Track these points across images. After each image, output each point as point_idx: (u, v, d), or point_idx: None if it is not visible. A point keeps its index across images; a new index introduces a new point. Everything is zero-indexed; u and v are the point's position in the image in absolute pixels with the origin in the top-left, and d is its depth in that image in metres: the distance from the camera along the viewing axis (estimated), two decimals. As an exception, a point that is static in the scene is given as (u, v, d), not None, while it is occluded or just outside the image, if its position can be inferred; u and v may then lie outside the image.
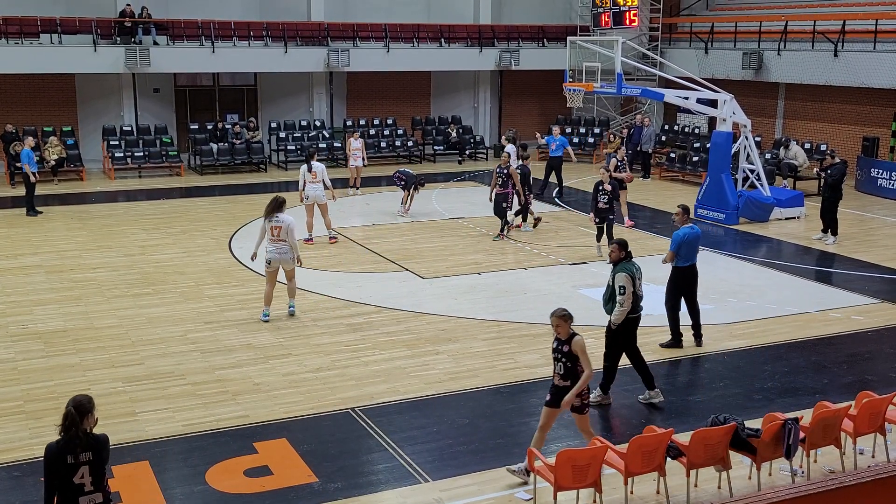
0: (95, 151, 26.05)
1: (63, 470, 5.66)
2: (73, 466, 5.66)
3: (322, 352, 11.52)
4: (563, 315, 8.29)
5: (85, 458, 5.68)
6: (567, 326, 8.29)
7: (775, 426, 7.88)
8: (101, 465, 5.76)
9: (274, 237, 12.44)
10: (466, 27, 29.80)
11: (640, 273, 9.73)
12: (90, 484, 5.71)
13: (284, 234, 12.39)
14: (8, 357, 11.21)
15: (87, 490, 5.71)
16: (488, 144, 30.45)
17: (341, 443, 9.01)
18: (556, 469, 7.26)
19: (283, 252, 12.50)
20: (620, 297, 9.56)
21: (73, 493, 5.68)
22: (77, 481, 5.68)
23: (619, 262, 9.68)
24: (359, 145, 22.17)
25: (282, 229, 12.39)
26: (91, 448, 5.71)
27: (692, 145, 26.38)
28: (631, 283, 9.55)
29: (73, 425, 5.65)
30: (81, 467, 5.67)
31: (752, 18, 27.90)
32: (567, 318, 8.32)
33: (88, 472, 5.69)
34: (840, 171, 17.77)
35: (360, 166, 22.17)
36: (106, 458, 5.85)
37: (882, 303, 13.89)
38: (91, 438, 5.73)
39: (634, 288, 9.60)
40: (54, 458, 5.67)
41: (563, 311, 8.33)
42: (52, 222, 19.17)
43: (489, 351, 11.58)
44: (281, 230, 12.39)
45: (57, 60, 24.37)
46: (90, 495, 5.73)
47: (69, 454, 5.66)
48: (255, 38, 26.79)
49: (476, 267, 15.67)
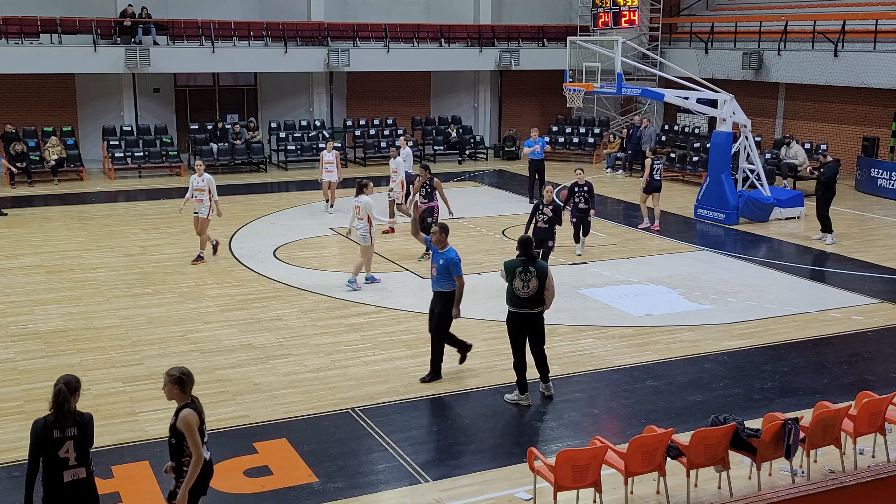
0: (95, 151, 26.06)
1: (49, 444, 5.96)
2: (59, 441, 5.96)
3: (322, 352, 11.52)
4: (174, 377, 6.33)
5: (71, 434, 6.00)
6: (178, 391, 6.34)
7: (775, 426, 7.88)
8: (85, 441, 6.07)
9: (355, 216, 14.06)
10: (466, 27, 29.80)
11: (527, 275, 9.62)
12: (74, 458, 6.02)
13: (363, 213, 13.87)
14: (8, 357, 11.22)
15: (70, 464, 6.01)
16: (488, 144, 30.45)
17: (341, 443, 9.01)
18: (556, 469, 7.26)
19: (358, 229, 14.05)
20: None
21: (58, 466, 5.98)
22: (62, 455, 5.99)
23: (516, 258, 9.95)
24: (332, 158, 19.90)
25: (360, 208, 13.90)
26: (77, 424, 6.03)
27: (692, 145, 26.38)
28: (504, 273, 9.84)
29: (66, 402, 5.97)
30: (67, 442, 5.98)
31: (752, 18, 27.90)
32: (180, 381, 6.32)
33: (73, 447, 6.00)
34: (833, 170, 17.80)
35: (333, 181, 20.04)
36: (90, 436, 6.14)
37: (882, 303, 13.89)
38: (77, 415, 6.07)
39: (512, 285, 9.73)
40: (42, 433, 5.97)
41: (176, 373, 6.35)
42: (52, 222, 19.17)
43: (489, 351, 11.58)
44: (360, 209, 13.92)
45: (57, 60, 24.37)
46: (74, 469, 6.03)
47: (56, 429, 5.97)
48: (255, 38, 26.79)
49: (476, 267, 15.66)
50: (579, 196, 16.21)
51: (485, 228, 18.79)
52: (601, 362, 11.31)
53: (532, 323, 9.89)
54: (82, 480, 6.13)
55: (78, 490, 6.12)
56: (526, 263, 9.75)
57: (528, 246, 9.85)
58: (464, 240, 17.81)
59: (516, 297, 9.76)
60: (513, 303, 9.81)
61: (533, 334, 9.96)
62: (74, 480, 6.09)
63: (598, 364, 11.25)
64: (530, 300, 9.73)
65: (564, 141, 29.48)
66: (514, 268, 9.76)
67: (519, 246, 9.89)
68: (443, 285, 10.40)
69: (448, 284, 10.37)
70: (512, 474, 8.36)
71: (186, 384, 6.32)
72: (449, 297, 10.39)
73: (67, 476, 6.04)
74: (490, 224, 19.24)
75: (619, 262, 16.10)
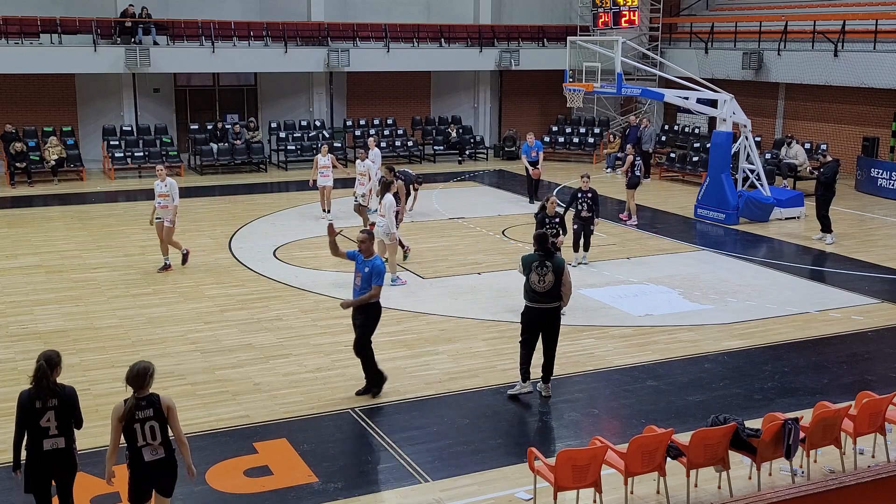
0: (95, 151, 26.05)
1: (32, 414, 6.49)
2: (40, 411, 6.47)
3: (322, 352, 11.52)
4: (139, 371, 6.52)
5: (51, 405, 6.49)
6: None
7: (775, 426, 7.88)
8: (65, 412, 6.52)
9: (380, 212, 14.49)
10: (466, 27, 29.80)
11: (543, 269, 9.80)
12: (54, 428, 6.50)
13: (385, 210, 14.27)
14: (8, 357, 11.22)
15: (51, 433, 6.50)
16: (488, 144, 30.45)
17: (341, 443, 9.01)
18: (556, 469, 7.26)
19: (381, 225, 14.35)
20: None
21: (39, 434, 6.48)
22: (43, 424, 6.47)
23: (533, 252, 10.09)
24: (327, 162, 19.26)
25: (383, 206, 14.36)
26: (57, 396, 6.51)
27: (692, 145, 26.38)
28: (522, 268, 9.94)
29: (44, 377, 6.47)
30: (48, 412, 6.47)
31: (752, 18, 27.90)
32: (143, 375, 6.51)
33: (54, 416, 6.48)
34: (833, 170, 17.80)
35: (328, 186, 19.40)
36: (72, 408, 6.58)
37: (882, 303, 13.89)
38: (58, 388, 6.54)
39: (530, 280, 9.81)
40: (26, 403, 6.51)
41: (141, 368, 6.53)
42: (52, 222, 19.16)
43: (489, 351, 11.58)
44: (382, 207, 14.37)
45: (57, 60, 24.36)
46: (54, 438, 6.50)
47: (38, 400, 6.48)
48: (255, 38, 26.79)
49: (476, 267, 15.67)
50: (582, 202, 15.48)
51: (485, 228, 18.79)
52: (601, 362, 11.31)
53: (547, 319, 9.95)
54: (61, 450, 6.54)
55: (56, 458, 6.55)
56: (542, 258, 9.85)
57: (543, 241, 9.93)
58: (464, 240, 17.82)
59: (533, 292, 9.83)
60: (529, 297, 9.89)
61: (548, 331, 10.01)
62: (53, 449, 6.52)
63: (598, 364, 11.26)
64: (546, 295, 9.82)
65: (564, 141, 29.48)
66: (530, 262, 9.85)
67: (535, 241, 10.01)
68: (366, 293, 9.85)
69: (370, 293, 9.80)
70: (512, 474, 8.36)
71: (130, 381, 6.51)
72: (371, 308, 9.94)
73: (47, 444, 6.49)
74: (490, 224, 19.24)
75: (619, 262, 16.10)
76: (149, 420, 6.45)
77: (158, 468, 6.59)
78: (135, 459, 6.55)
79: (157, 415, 6.47)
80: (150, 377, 6.52)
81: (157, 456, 6.55)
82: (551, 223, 13.77)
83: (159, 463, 6.57)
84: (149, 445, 6.50)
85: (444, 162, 28.32)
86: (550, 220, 13.83)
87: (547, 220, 13.85)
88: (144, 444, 6.49)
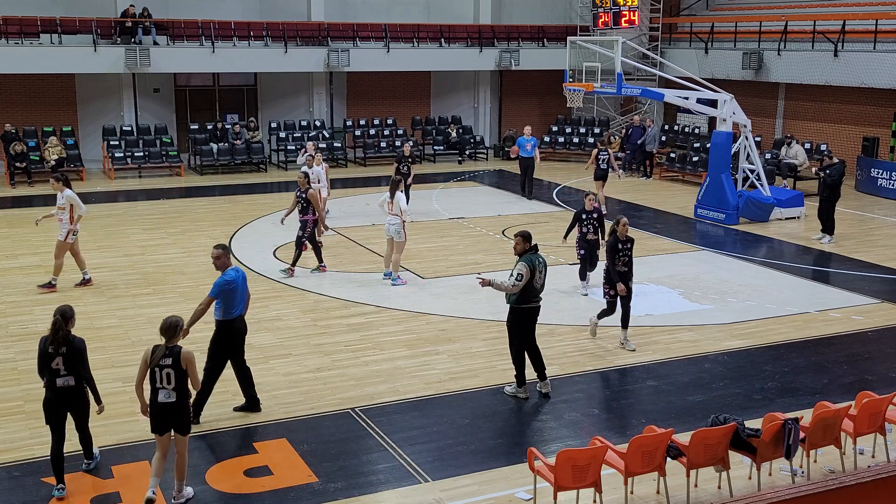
0: (95, 151, 26.05)
1: (45, 357, 7.80)
2: (52, 355, 7.77)
3: (322, 352, 11.52)
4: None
5: (62, 351, 7.76)
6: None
7: (775, 426, 7.88)
8: (72, 358, 7.78)
9: (389, 211, 14.34)
10: (466, 27, 29.80)
11: (542, 266, 9.90)
12: (64, 369, 7.79)
13: (396, 209, 14.19)
14: (8, 357, 11.22)
15: (62, 374, 7.79)
16: (488, 144, 30.45)
17: (341, 443, 9.01)
18: (556, 469, 7.26)
19: (392, 224, 14.25)
20: (511, 279, 9.77)
21: (53, 374, 7.80)
22: (54, 366, 7.78)
23: (524, 253, 9.88)
24: (321, 171, 17.41)
25: (393, 204, 14.24)
26: (66, 344, 7.77)
27: (692, 145, 26.38)
28: (529, 272, 9.74)
29: (60, 328, 7.75)
30: (57, 356, 7.76)
31: (752, 18, 27.90)
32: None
33: (62, 361, 7.77)
34: (839, 172, 17.77)
35: (324, 197, 17.47)
36: (78, 354, 7.81)
37: (882, 303, 13.89)
38: (69, 337, 7.81)
39: (533, 279, 9.77)
40: (41, 348, 7.83)
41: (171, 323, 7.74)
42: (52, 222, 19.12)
43: (489, 351, 11.59)
44: (392, 205, 14.25)
45: (57, 60, 24.36)
46: (64, 377, 7.81)
47: (51, 346, 7.76)
48: (255, 38, 26.79)
49: (476, 267, 15.66)
50: (587, 224, 14.00)
51: (485, 228, 18.79)
52: (601, 362, 11.31)
53: (538, 315, 10.08)
54: (72, 387, 7.85)
55: (69, 394, 7.86)
56: (538, 256, 9.91)
57: (531, 238, 10.00)
58: (464, 240, 17.82)
59: (535, 290, 9.85)
60: (530, 298, 9.87)
61: (533, 329, 10.10)
62: (66, 386, 7.83)
63: (598, 364, 11.26)
64: (540, 290, 9.95)
65: (564, 141, 29.48)
66: (534, 263, 9.82)
67: (526, 240, 9.94)
68: (217, 312, 9.28)
69: (220, 311, 9.25)
70: (512, 474, 8.36)
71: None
72: (222, 326, 9.31)
73: (60, 382, 7.81)
74: (490, 224, 19.24)
75: (619, 262, 16.07)
76: (167, 367, 7.55)
77: (169, 410, 7.64)
78: (153, 398, 7.67)
79: (176, 364, 7.56)
80: (179, 330, 7.71)
81: (169, 399, 7.60)
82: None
83: (170, 406, 7.63)
84: (164, 389, 7.58)
85: (444, 162, 28.32)
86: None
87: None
88: (161, 387, 7.59)
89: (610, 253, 11.48)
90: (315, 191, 15.28)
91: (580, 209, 14.16)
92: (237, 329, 9.39)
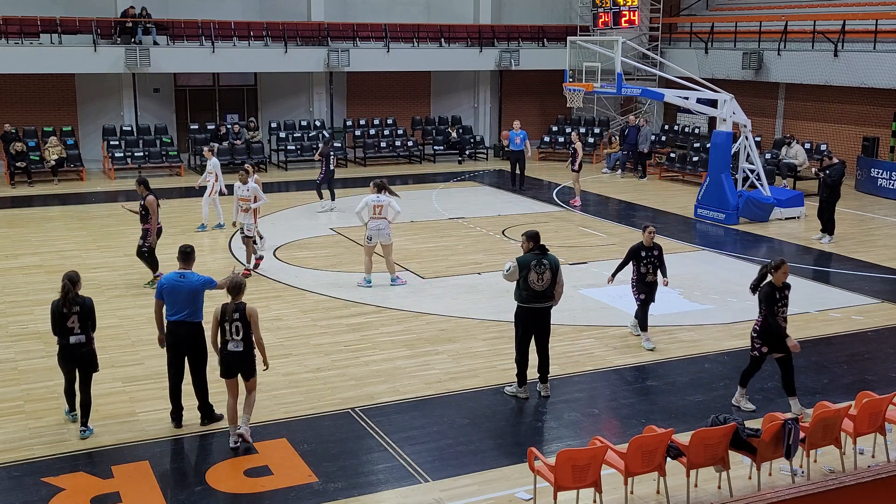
0: (95, 151, 26.05)
1: (61, 317, 8.85)
2: (66, 315, 8.86)
3: (322, 352, 11.52)
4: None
5: (75, 311, 8.86)
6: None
7: (775, 426, 7.88)
8: (84, 316, 8.91)
9: (375, 215, 13.96)
10: (466, 27, 29.80)
11: (544, 267, 9.77)
12: (78, 328, 8.89)
13: (385, 212, 13.96)
14: (8, 357, 11.22)
15: (75, 332, 8.89)
16: (488, 144, 30.45)
17: (341, 443, 9.01)
18: (556, 469, 7.26)
19: (381, 228, 13.98)
20: (505, 273, 9.92)
21: (66, 332, 8.88)
22: (69, 325, 8.86)
23: (527, 252, 9.91)
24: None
25: (383, 208, 13.95)
26: (78, 304, 8.88)
27: (692, 145, 26.38)
28: (517, 269, 9.76)
29: (69, 291, 8.82)
30: (72, 315, 8.85)
31: (752, 18, 27.90)
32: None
33: (77, 319, 8.87)
34: (839, 172, 17.77)
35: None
36: (89, 312, 8.98)
37: (882, 303, 13.89)
38: (79, 298, 8.93)
39: (527, 279, 9.74)
40: (56, 310, 8.87)
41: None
42: (52, 222, 19.16)
43: (489, 351, 11.58)
44: (382, 208, 13.95)
45: (57, 60, 24.36)
46: (77, 335, 8.90)
47: (65, 307, 8.83)
48: (255, 38, 26.79)
49: (476, 267, 15.67)
50: (647, 263, 11.67)
51: (485, 228, 18.79)
52: (601, 362, 11.31)
53: (542, 318, 10.00)
54: (82, 343, 8.94)
55: (80, 349, 8.94)
56: (539, 257, 9.83)
57: (538, 238, 9.92)
58: (464, 240, 17.82)
59: (531, 291, 9.80)
60: (524, 298, 9.85)
61: (542, 331, 10.04)
62: (77, 343, 8.90)
63: (598, 364, 11.26)
64: (543, 294, 9.83)
65: (565, 141, 29.46)
66: (528, 262, 9.79)
67: (530, 240, 9.91)
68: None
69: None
70: (512, 474, 8.36)
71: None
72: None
73: (73, 339, 8.88)
74: (490, 224, 19.24)
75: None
76: (235, 321, 8.60)
77: (237, 357, 8.69)
78: (223, 348, 8.70)
79: (242, 318, 8.62)
80: (243, 289, 8.77)
81: (237, 348, 8.66)
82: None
83: (238, 353, 8.68)
84: (233, 340, 8.64)
85: (444, 162, 28.31)
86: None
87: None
88: (230, 339, 8.63)
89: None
90: (153, 198, 14.18)
91: (637, 245, 11.75)
92: (172, 333, 9.19)
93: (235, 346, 8.64)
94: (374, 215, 14.02)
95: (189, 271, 9.29)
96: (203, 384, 9.37)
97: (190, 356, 9.25)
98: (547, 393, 10.18)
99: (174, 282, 9.19)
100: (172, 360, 9.26)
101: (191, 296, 9.13)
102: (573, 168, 21.30)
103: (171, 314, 9.17)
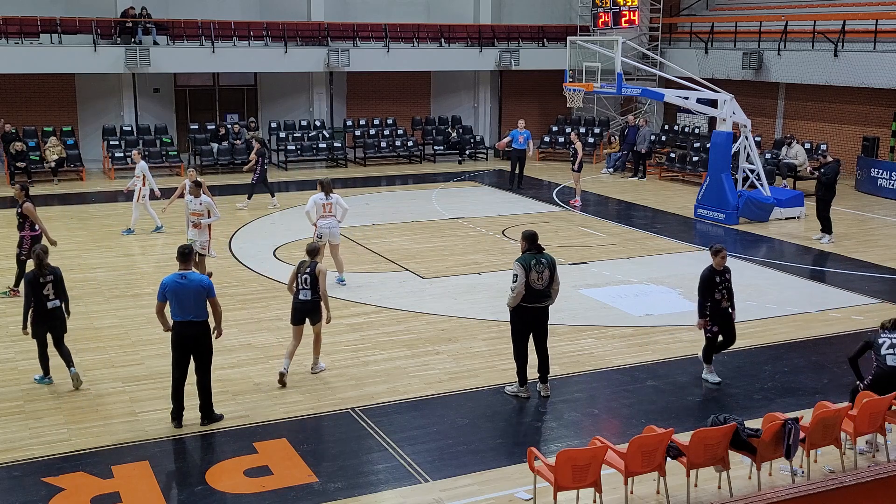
0: (95, 151, 26.05)
1: (37, 286, 9.90)
2: (42, 284, 9.93)
3: (322, 352, 11.49)
4: None
5: (49, 279, 9.97)
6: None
7: (775, 426, 7.88)
8: (58, 283, 10.06)
9: (325, 213, 13.98)
10: (466, 27, 29.80)
11: (544, 266, 9.78)
12: (52, 294, 9.99)
13: (334, 210, 14.05)
14: (8, 357, 11.22)
15: (50, 298, 9.98)
16: (488, 144, 30.45)
17: (341, 443, 9.01)
18: (556, 469, 7.26)
19: (332, 227, 14.02)
20: (512, 285, 9.80)
21: (43, 299, 9.93)
22: (45, 292, 9.92)
23: (524, 252, 9.89)
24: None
25: (332, 206, 14.03)
26: (52, 273, 10.01)
27: (692, 145, 26.37)
28: (523, 270, 9.70)
29: (42, 260, 9.97)
30: (47, 284, 9.94)
31: (752, 18, 27.90)
32: None
33: (51, 287, 9.97)
34: (834, 171, 17.78)
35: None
36: (61, 280, 10.14)
37: (882, 303, 13.89)
38: (52, 268, 10.07)
39: (528, 279, 9.71)
40: (33, 280, 9.93)
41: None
42: (52, 222, 19.09)
43: (489, 351, 11.58)
44: (331, 206, 14.02)
45: (57, 60, 24.36)
46: (53, 301, 10.00)
47: (41, 277, 9.90)
48: (255, 38, 26.78)
49: (476, 267, 15.67)
50: (722, 289, 10.33)
51: (485, 228, 18.79)
52: (601, 362, 11.31)
53: (542, 318, 10.00)
54: (57, 307, 10.08)
55: (54, 314, 10.08)
56: (537, 256, 9.83)
57: (535, 238, 9.92)
58: (464, 240, 17.82)
59: (531, 291, 9.78)
60: (524, 297, 9.81)
61: (541, 330, 10.04)
62: (52, 308, 10.02)
63: (598, 364, 11.25)
64: (542, 293, 9.83)
65: (565, 141, 29.45)
66: (528, 262, 9.77)
67: (527, 240, 9.91)
68: None
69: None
70: (512, 474, 8.36)
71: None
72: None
73: (50, 304, 9.97)
74: (490, 224, 19.24)
75: (619, 262, 16.09)
76: (306, 275, 10.29)
77: (306, 305, 10.35)
78: (296, 297, 10.38)
79: (312, 273, 10.28)
80: (319, 253, 10.48)
81: (307, 297, 10.31)
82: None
83: (307, 302, 10.33)
84: (304, 289, 10.30)
85: (444, 162, 28.31)
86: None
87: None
88: (302, 288, 10.32)
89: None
90: (31, 205, 13.20)
91: (708, 270, 10.31)
92: (180, 333, 9.18)
93: (304, 295, 10.33)
94: (323, 213, 13.91)
95: (189, 271, 9.27)
96: (207, 384, 9.38)
97: (196, 355, 9.26)
98: (547, 393, 10.18)
99: (177, 284, 9.12)
100: (178, 358, 9.26)
101: (196, 296, 9.13)
102: (574, 168, 21.30)
103: (177, 315, 9.14)
